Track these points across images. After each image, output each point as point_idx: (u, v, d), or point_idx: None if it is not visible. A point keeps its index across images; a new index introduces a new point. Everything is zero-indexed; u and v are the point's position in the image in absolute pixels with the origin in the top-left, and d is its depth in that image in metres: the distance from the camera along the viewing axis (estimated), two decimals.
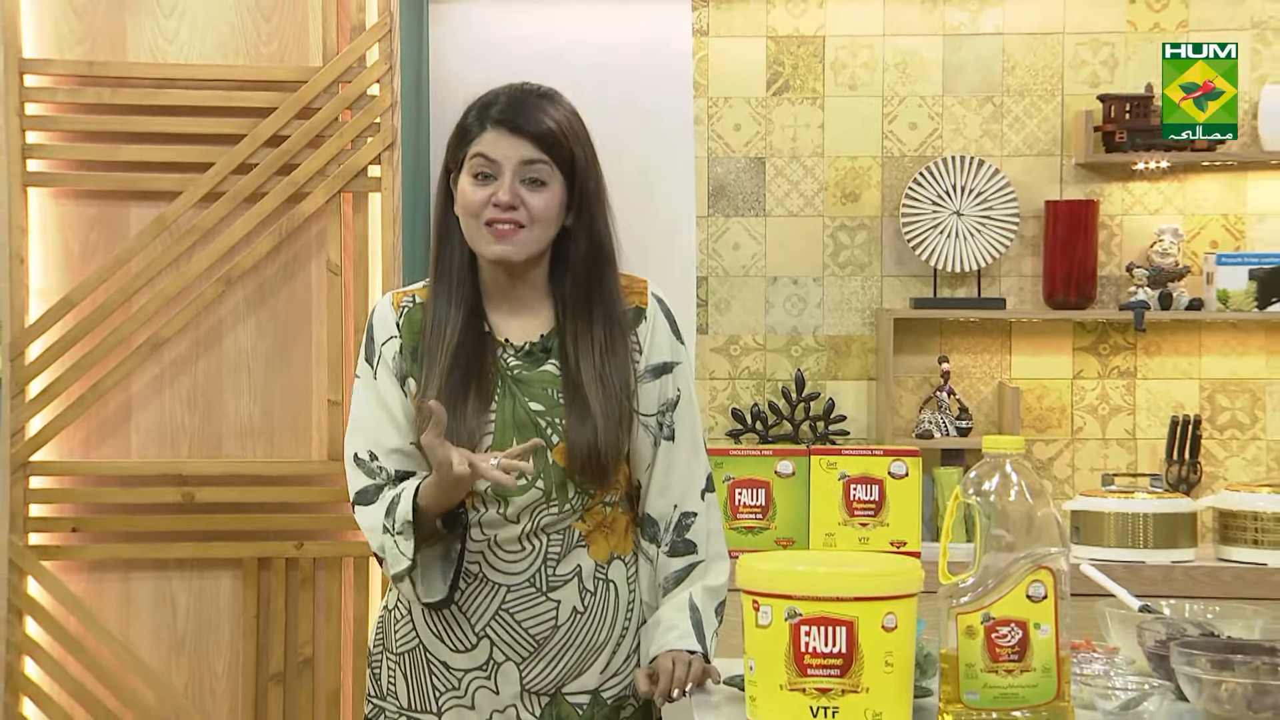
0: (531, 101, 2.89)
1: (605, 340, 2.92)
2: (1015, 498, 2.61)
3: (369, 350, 2.97)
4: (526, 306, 2.95)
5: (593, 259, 2.92)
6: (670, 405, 2.95)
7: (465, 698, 2.90)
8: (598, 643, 2.92)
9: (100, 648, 4.32)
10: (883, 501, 4.28)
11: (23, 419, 4.31)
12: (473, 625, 2.89)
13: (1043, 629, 2.57)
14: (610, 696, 2.94)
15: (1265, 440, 5.16)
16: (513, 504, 2.86)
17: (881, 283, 5.18)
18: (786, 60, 5.14)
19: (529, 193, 2.85)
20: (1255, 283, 5.03)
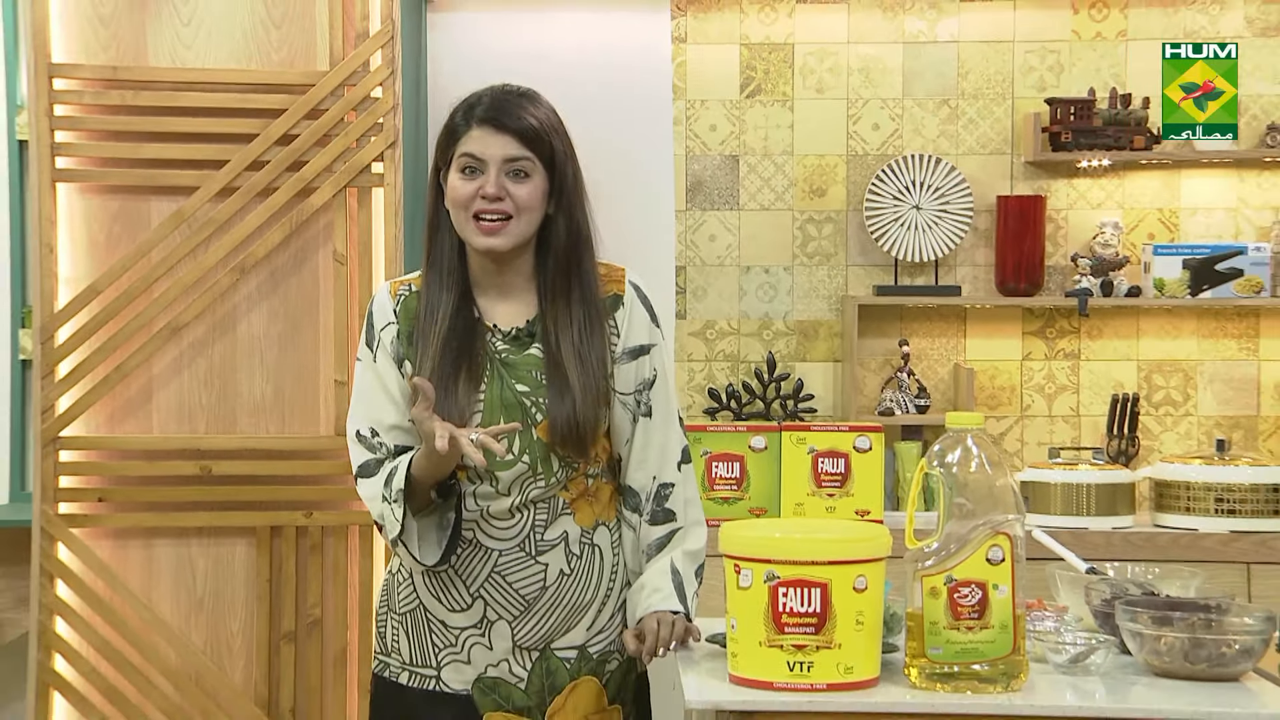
0: (513, 101, 2.92)
1: (584, 321, 2.94)
2: (976, 469, 2.66)
3: (369, 335, 2.99)
4: (513, 292, 2.97)
5: (572, 244, 2.95)
6: (647, 384, 2.97)
7: (462, 653, 2.93)
8: (583, 602, 2.95)
9: (125, 608, 4.32)
10: (848, 474, 4.31)
11: (52, 397, 4.31)
12: (468, 587, 2.91)
13: (1000, 589, 2.63)
14: (596, 651, 2.96)
15: (1196, 416, 5.18)
16: (501, 479, 2.89)
17: (846, 272, 5.18)
18: (758, 66, 5.14)
19: (514, 185, 2.87)
20: (1188, 272, 5.01)
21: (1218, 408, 5.20)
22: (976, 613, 2.65)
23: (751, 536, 2.71)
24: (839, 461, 4.32)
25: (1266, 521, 4.52)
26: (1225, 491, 4.55)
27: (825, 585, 2.63)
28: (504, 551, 2.92)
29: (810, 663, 2.64)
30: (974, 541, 2.66)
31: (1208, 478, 4.57)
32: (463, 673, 2.94)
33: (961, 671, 2.66)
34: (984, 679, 2.65)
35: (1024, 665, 2.69)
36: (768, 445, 4.39)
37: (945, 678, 2.66)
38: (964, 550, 2.65)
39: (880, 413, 5.05)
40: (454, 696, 2.95)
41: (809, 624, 2.64)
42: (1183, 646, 2.76)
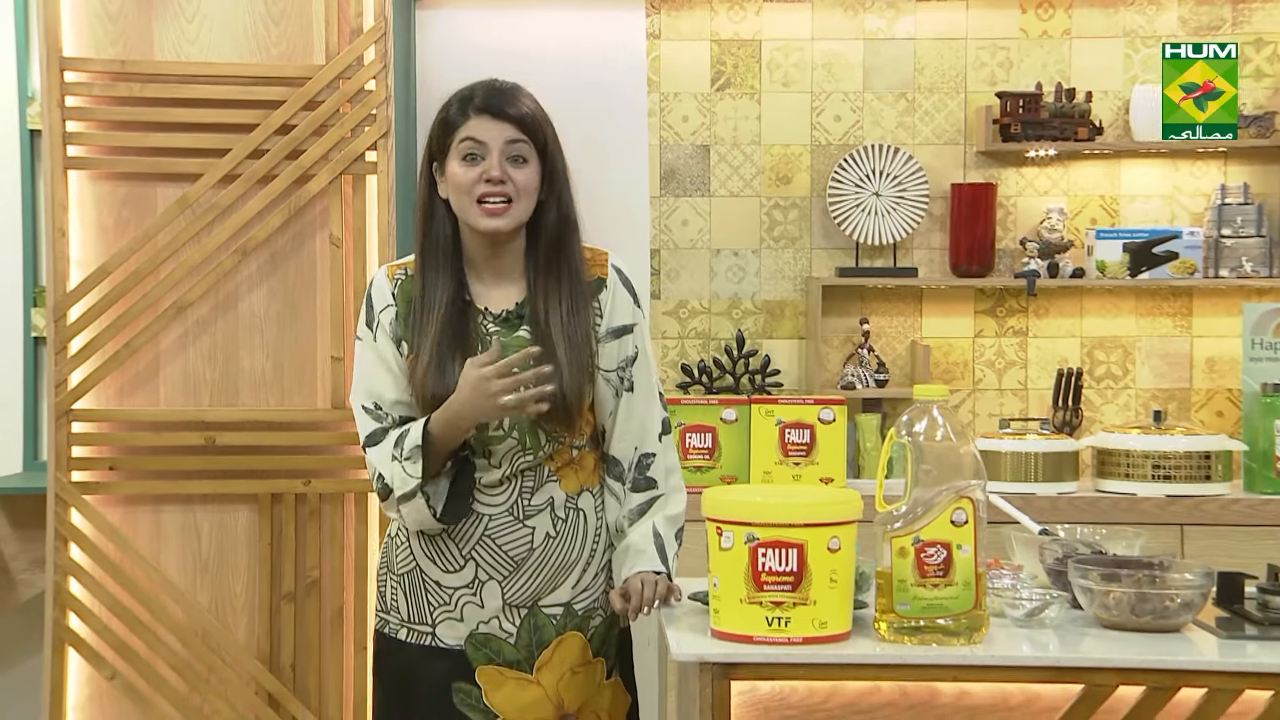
0: (507, 91, 2.96)
1: (570, 303, 2.96)
2: (941, 438, 2.72)
3: (369, 316, 3.02)
4: (505, 275, 2.99)
5: (560, 229, 2.98)
6: (629, 361, 3.01)
7: (455, 611, 2.97)
8: (568, 562, 2.98)
9: (135, 570, 4.33)
10: (813, 443, 4.43)
11: (65, 372, 4.31)
12: (460, 549, 2.95)
13: (964, 549, 2.70)
14: (581, 608, 3.00)
15: (1135, 389, 5.18)
16: (494, 452, 2.93)
17: (810, 254, 5.17)
18: (728, 61, 5.13)
19: (514, 169, 2.91)
20: (1128, 254, 4.99)
21: (1154, 381, 5.20)
22: (941, 571, 2.70)
23: (733, 501, 2.77)
24: (804, 432, 4.42)
25: (1199, 486, 4.64)
26: (1161, 459, 4.66)
27: (801, 546, 2.68)
28: (494, 516, 2.95)
29: (787, 618, 2.69)
30: (939, 505, 2.70)
31: (1145, 446, 4.69)
32: (456, 629, 2.97)
33: (927, 625, 2.72)
34: (948, 632, 2.71)
35: (985, 619, 2.74)
36: (738, 417, 4.47)
37: (912, 631, 2.71)
38: (930, 513, 2.70)
39: (842, 387, 5.02)
40: (448, 651, 2.98)
41: (786, 582, 2.69)
42: (1129, 601, 2.82)
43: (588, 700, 3.01)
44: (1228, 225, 5.04)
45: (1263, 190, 5.13)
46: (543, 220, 2.97)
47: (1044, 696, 2.71)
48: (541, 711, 2.97)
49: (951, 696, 2.74)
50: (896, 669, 2.71)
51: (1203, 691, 2.67)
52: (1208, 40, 4.94)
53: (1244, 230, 5.03)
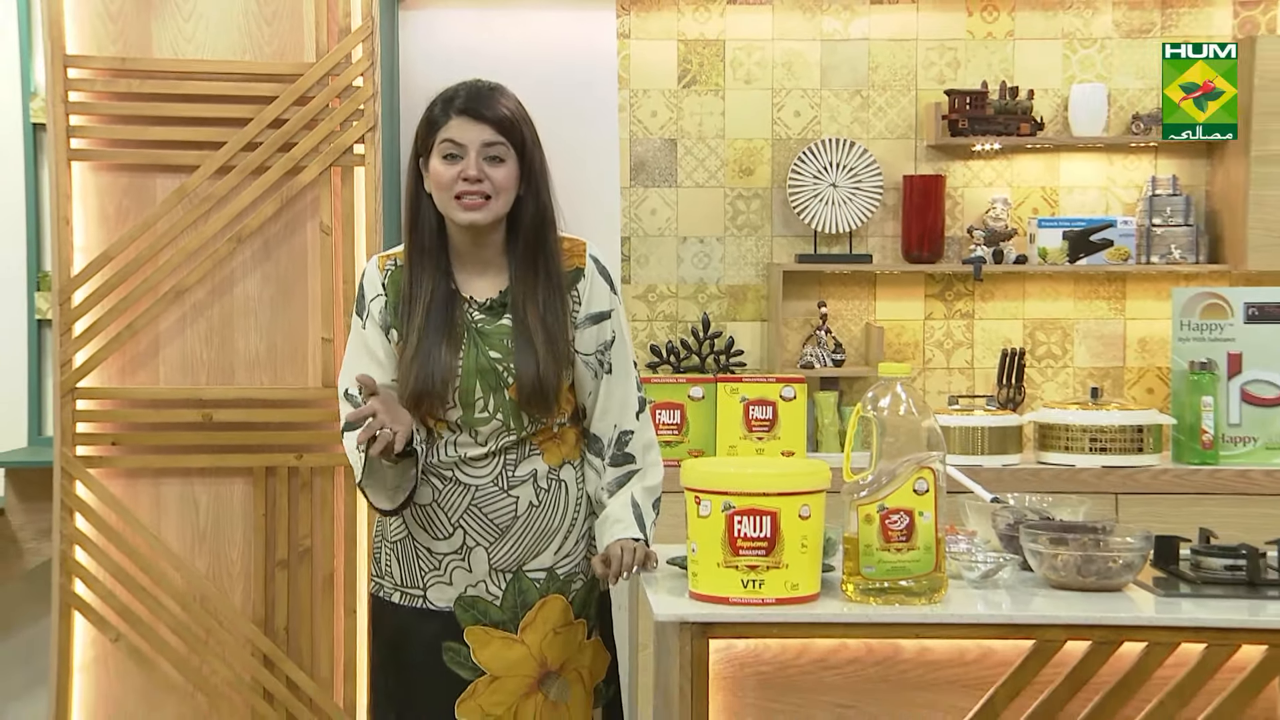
0: (487, 93, 2.96)
1: (548, 293, 2.98)
2: (904, 412, 2.74)
3: (360, 305, 3.03)
4: (488, 265, 3.01)
5: (539, 222, 2.99)
6: (607, 345, 3.02)
7: (444, 575, 2.99)
8: (551, 529, 3.01)
9: (136, 539, 4.34)
10: (775, 419, 4.39)
11: (70, 352, 4.31)
12: (449, 518, 2.97)
13: (925, 516, 2.72)
14: (563, 573, 3.02)
15: (1073, 368, 5.20)
16: (480, 433, 2.95)
17: (772, 242, 5.16)
18: (694, 59, 5.12)
19: (491, 168, 2.91)
20: (1067, 242, 5.00)
21: (1091, 360, 5.21)
22: (904, 536, 2.72)
23: (710, 472, 2.79)
24: (767, 409, 4.38)
25: (1132, 458, 4.68)
26: (1098, 432, 4.68)
27: (775, 514, 2.70)
28: (480, 487, 2.97)
29: (761, 580, 2.71)
30: (902, 475, 2.72)
31: (1083, 421, 4.71)
32: (445, 592, 2.99)
33: (891, 587, 2.74)
34: (911, 593, 2.74)
35: (944, 581, 2.77)
36: (705, 395, 4.44)
37: (877, 592, 2.74)
38: (894, 482, 2.72)
39: (801, 366, 5.02)
40: (438, 613, 3.00)
41: (760, 547, 2.71)
42: (1076, 563, 2.85)
43: (569, 658, 3.03)
44: (1158, 215, 5.05)
45: (1190, 182, 5.14)
46: (521, 214, 2.98)
47: (998, 651, 2.75)
48: (526, 668, 2.99)
49: (913, 652, 2.77)
50: (863, 627, 2.74)
51: (1143, 645, 2.72)
52: (1206, 40, 4.89)
53: (1173, 220, 5.04)
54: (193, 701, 4.38)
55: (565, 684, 3.03)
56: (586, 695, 3.07)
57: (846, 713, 2.78)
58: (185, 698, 4.38)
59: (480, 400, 2.93)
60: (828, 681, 2.78)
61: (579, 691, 3.05)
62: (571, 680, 3.04)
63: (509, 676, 3.00)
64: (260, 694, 4.38)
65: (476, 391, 2.93)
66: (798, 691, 2.78)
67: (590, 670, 3.07)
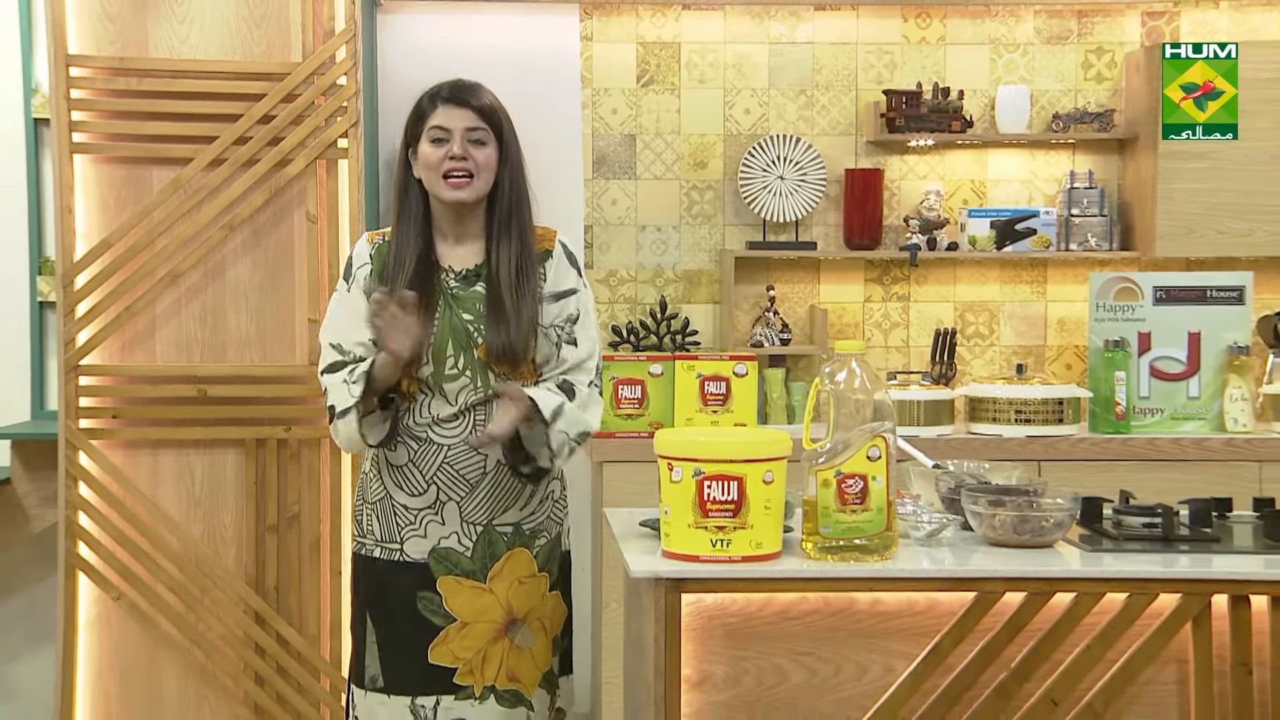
0: (469, 86, 3.08)
1: (520, 264, 3.05)
2: (859, 385, 2.75)
3: (347, 272, 3.12)
4: (467, 240, 3.09)
5: (514, 202, 3.08)
6: (571, 320, 3.09)
7: (419, 529, 3.05)
8: (517, 487, 3.07)
9: (136, 505, 4.34)
10: (728, 394, 4.44)
11: (73, 332, 4.31)
12: (423, 475, 3.03)
13: (878, 480, 2.75)
14: (528, 529, 3.09)
15: (999, 346, 5.22)
16: (448, 390, 3.01)
17: (724, 230, 5.17)
18: (652, 60, 5.11)
19: (474, 149, 3.02)
20: (994, 230, 5.03)
21: (1015, 339, 5.23)
22: (859, 499, 2.76)
23: (682, 440, 2.81)
24: (721, 384, 4.42)
25: (1053, 428, 4.70)
26: (1022, 405, 4.71)
27: (741, 479, 2.73)
28: (451, 446, 3.03)
29: (728, 540, 2.74)
30: (856, 443, 2.75)
31: (1009, 394, 4.74)
32: (420, 545, 3.06)
33: (846, 545, 2.78)
34: (864, 550, 2.78)
35: (894, 540, 2.82)
36: (664, 371, 4.46)
37: (834, 550, 2.78)
38: (849, 450, 2.75)
39: (752, 345, 5.02)
40: (414, 564, 3.06)
41: (728, 509, 2.74)
42: (1012, 522, 2.90)
43: (533, 608, 3.09)
44: (1076, 206, 5.07)
45: (1104, 176, 5.16)
46: (499, 194, 3.08)
47: (943, 602, 2.80)
48: (494, 615, 3.06)
49: (867, 604, 2.81)
50: (820, 582, 2.77)
51: (1073, 595, 2.78)
52: (1207, 40, 4.79)
53: (1089, 211, 5.06)
54: (189, 655, 4.38)
55: (529, 631, 3.09)
56: (547, 643, 3.12)
57: (806, 659, 2.82)
58: (182, 652, 4.38)
59: (451, 358, 3.01)
60: (789, 631, 2.82)
61: (541, 639, 3.11)
62: (535, 629, 3.10)
63: (478, 622, 3.06)
64: (252, 648, 4.39)
65: (448, 349, 3.01)
66: (762, 641, 2.82)
67: (550, 620, 3.13)
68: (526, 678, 3.09)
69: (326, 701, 4.42)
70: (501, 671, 3.07)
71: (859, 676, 2.82)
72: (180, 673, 4.41)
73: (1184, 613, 2.81)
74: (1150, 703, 2.84)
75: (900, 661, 2.82)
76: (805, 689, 2.82)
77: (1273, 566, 2.86)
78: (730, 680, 2.82)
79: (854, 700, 2.82)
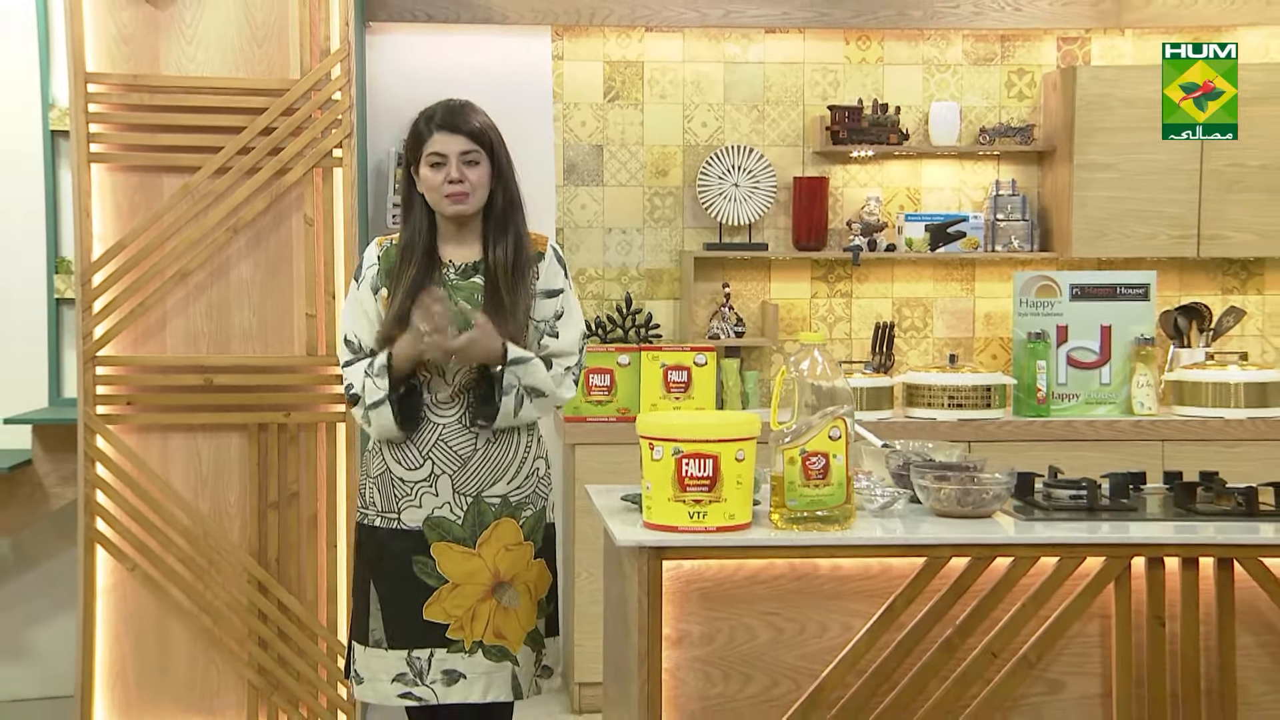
0: (459, 109, 3.12)
1: (514, 259, 3.11)
2: (821, 372, 2.79)
3: (358, 272, 3.19)
4: (467, 240, 3.15)
5: (507, 207, 3.15)
6: (556, 316, 3.15)
7: (415, 500, 3.10)
8: (505, 463, 3.12)
9: (148, 484, 4.33)
10: (690, 382, 4.45)
11: (90, 326, 4.31)
12: (420, 451, 3.09)
13: (838, 458, 2.79)
14: (515, 501, 3.13)
15: (932, 338, 5.27)
16: (447, 372, 3.07)
17: (683, 233, 5.19)
18: (617, 78, 5.14)
19: (468, 170, 3.08)
20: (928, 233, 5.10)
21: (947, 332, 5.27)
22: (821, 475, 2.80)
23: (663, 423, 2.85)
24: (683, 373, 4.45)
25: (982, 412, 4.78)
26: (954, 391, 4.78)
27: (716, 457, 2.78)
28: (446, 425, 3.10)
29: (704, 512, 2.79)
30: (819, 425, 2.80)
31: (942, 382, 4.81)
32: (416, 514, 3.11)
33: (809, 516, 2.83)
34: (826, 521, 2.83)
35: (852, 511, 2.86)
36: (630, 361, 4.50)
37: (798, 520, 2.83)
38: (812, 431, 2.80)
39: (709, 337, 5.04)
40: (410, 532, 3.11)
41: (704, 484, 2.78)
42: (956, 495, 2.97)
43: (518, 573, 3.14)
44: (1001, 211, 5.13)
45: (1026, 185, 5.21)
46: (494, 201, 3.15)
47: (896, 567, 2.86)
48: (482, 577, 3.11)
49: (828, 569, 2.86)
50: (787, 549, 2.83)
51: (1010, 559, 2.86)
52: (1208, 41, 4.50)
53: (1013, 216, 5.13)
54: (198, 621, 4.39)
55: (515, 593, 3.14)
56: (532, 605, 3.17)
57: (773, 619, 2.87)
58: (191, 618, 4.39)
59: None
60: (758, 594, 2.86)
61: (526, 601, 3.16)
62: (520, 591, 3.15)
63: (467, 584, 3.11)
64: (255, 614, 4.40)
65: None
66: (734, 602, 2.87)
67: (535, 585, 3.18)
68: (512, 635, 3.14)
69: (324, 662, 4.43)
70: (489, 629, 3.12)
71: (820, 634, 2.87)
72: (190, 637, 4.42)
73: (1107, 574, 2.89)
74: (1077, 653, 2.92)
75: (858, 620, 2.86)
76: (772, 645, 2.87)
77: (1183, 532, 2.95)
78: (705, 638, 2.86)
79: (816, 655, 2.87)
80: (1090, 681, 2.92)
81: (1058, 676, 2.92)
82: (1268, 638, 2.94)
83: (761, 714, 2.87)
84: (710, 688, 2.87)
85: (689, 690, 2.86)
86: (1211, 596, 2.91)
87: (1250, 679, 2.93)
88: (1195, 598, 2.90)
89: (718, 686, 2.87)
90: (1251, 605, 2.92)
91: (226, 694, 4.43)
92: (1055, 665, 2.91)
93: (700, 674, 2.86)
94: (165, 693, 4.42)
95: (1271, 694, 2.95)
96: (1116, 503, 3.10)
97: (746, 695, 2.88)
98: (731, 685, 2.87)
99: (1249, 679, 2.93)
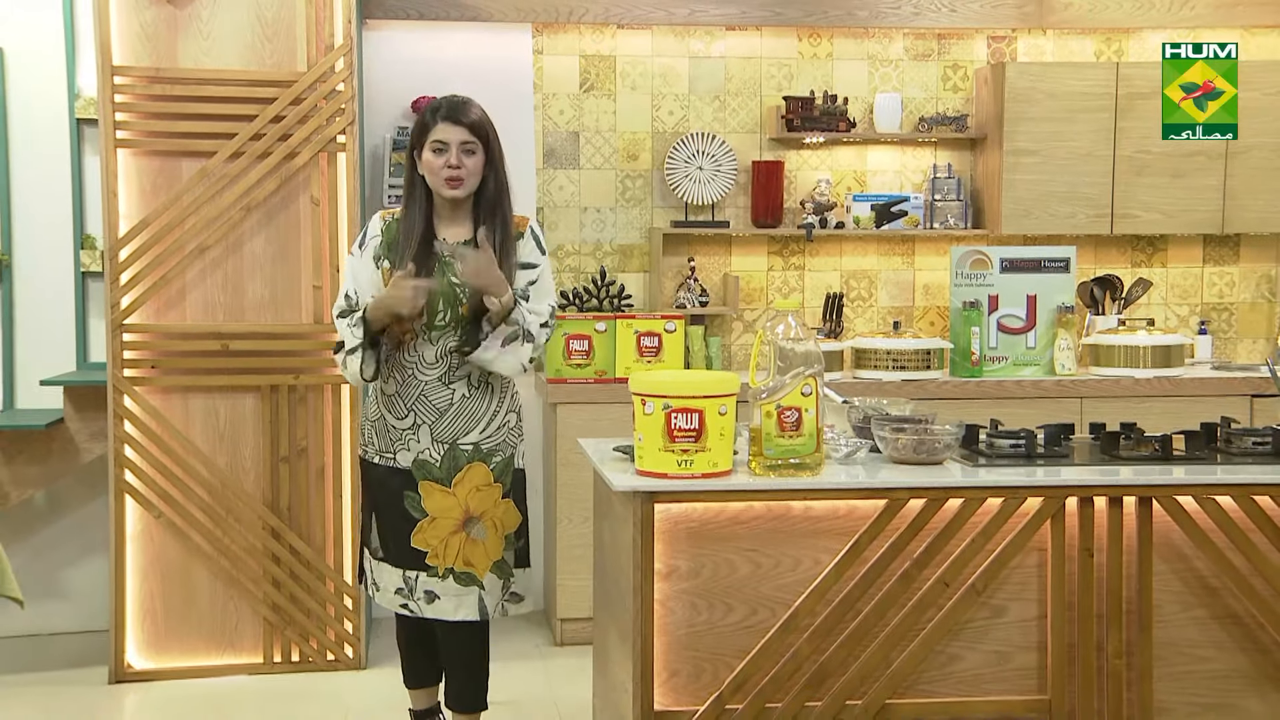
0: (461, 104, 3.21)
1: (500, 238, 3.21)
2: (794, 336, 2.84)
3: (361, 240, 3.28)
4: (460, 220, 3.24)
5: (497, 191, 3.24)
6: (530, 283, 3.24)
7: (404, 445, 3.23)
8: (478, 415, 3.24)
9: (171, 440, 4.37)
10: (660, 346, 4.50)
11: (117, 297, 4.34)
12: (405, 403, 3.22)
13: (810, 412, 2.86)
14: (486, 448, 3.25)
15: (877, 307, 5.29)
16: (434, 336, 3.18)
17: (653, 211, 5.19)
18: (592, 70, 5.14)
19: (466, 158, 3.17)
20: (874, 213, 5.10)
21: (890, 301, 5.30)
22: (795, 427, 2.87)
23: (653, 380, 2.90)
24: (655, 339, 4.53)
25: (922, 373, 4.85)
26: (898, 355, 4.85)
27: (701, 411, 2.84)
28: (428, 381, 3.22)
29: (691, 460, 2.86)
30: (792, 383, 2.86)
31: (887, 346, 4.88)
32: (406, 456, 3.25)
33: (784, 464, 2.90)
34: (799, 468, 2.90)
35: (822, 459, 2.93)
36: (607, 328, 4.56)
37: (775, 468, 2.90)
38: (787, 388, 2.85)
39: (676, 307, 5.05)
40: (402, 470, 3.26)
41: (691, 435, 2.85)
42: (912, 444, 3.04)
43: (487, 510, 3.27)
44: (939, 192, 5.16)
45: (960, 169, 5.24)
46: (485, 187, 3.25)
47: (861, 508, 2.93)
48: (454, 513, 3.25)
49: (800, 510, 2.93)
50: (764, 494, 2.88)
51: (961, 500, 2.95)
52: (1206, 41, 4.20)
53: (949, 197, 5.16)
54: (217, 563, 4.43)
55: (483, 528, 3.27)
56: (499, 539, 3.29)
57: (752, 555, 2.93)
58: (211, 560, 4.43)
59: (440, 313, 3.19)
60: (738, 533, 2.92)
61: (493, 535, 3.28)
62: (488, 526, 3.27)
63: (442, 518, 3.25)
64: (270, 557, 4.45)
65: (440, 303, 3.18)
66: (717, 541, 2.93)
67: (502, 521, 3.29)
68: (479, 564, 3.27)
69: (331, 600, 4.48)
70: (459, 557, 3.26)
71: (794, 568, 2.93)
72: (210, 577, 4.46)
73: (1044, 512, 2.97)
74: (1018, 582, 3.00)
75: (826, 555, 2.93)
76: (751, 578, 2.93)
77: (1108, 475, 3.03)
78: (691, 572, 2.92)
79: (790, 586, 2.93)
80: (1029, 606, 3.00)
81: (1001, 602, 2.99)
82: (1179, 565, 3.03)
83: (741, 639, 2.93)
84: (696, 616, 2.93)
85: (677, 619, 2.91)
86: (1134, 530, 2.99)
87: (1165, 600, 3.02)
88: (1120, 531, 2.98)
89: (703, 615, 2.93)
90: (1167, 537, 3.01)
91: (244, 628, 4.49)
92: (999, 593, 2.98)
93: (687, 604, 2.92)
94: (190, 627, 4.47)
95: (1183, 613, 3.05)
96: (1050, 450, 3.17)
97: (728, 623, 2.94)
98: (715, 614, 2.93)
99: (1164, 600, 3.02)
